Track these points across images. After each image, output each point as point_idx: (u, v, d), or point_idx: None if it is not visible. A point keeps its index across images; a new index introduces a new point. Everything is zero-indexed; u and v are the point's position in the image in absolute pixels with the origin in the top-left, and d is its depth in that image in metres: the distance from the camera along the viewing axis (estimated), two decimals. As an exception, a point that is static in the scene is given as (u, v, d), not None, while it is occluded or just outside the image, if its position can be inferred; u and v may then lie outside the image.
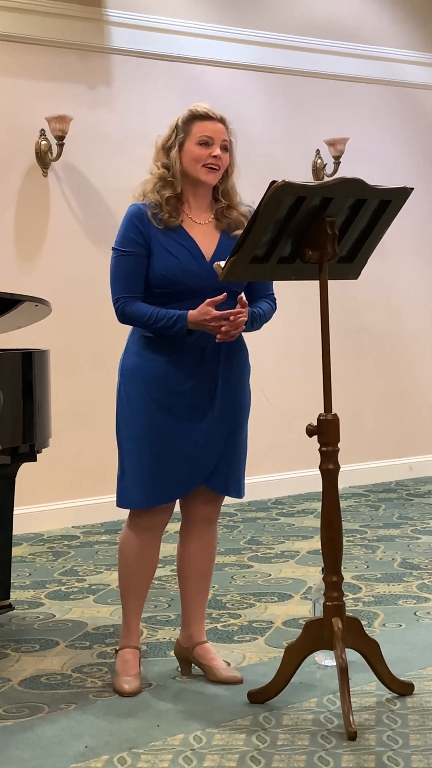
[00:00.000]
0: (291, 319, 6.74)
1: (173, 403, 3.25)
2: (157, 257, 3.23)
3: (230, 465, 3.36)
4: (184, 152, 3.27)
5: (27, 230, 5.87)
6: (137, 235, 3.24)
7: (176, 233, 3.25)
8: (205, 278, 3.23)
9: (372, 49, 7.11)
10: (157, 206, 3.26)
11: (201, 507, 3.40)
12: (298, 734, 2.95)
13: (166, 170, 3.28)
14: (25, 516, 5.53)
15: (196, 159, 3.26)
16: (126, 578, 3.38)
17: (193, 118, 3.30)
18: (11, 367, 3.76)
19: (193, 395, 3.27)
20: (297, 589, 4.47)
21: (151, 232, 3.24)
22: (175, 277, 3.22)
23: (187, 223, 3.29)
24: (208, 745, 2.90)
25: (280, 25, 6.74)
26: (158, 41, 6.27)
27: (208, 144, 3.27)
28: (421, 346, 7.42)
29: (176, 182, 3.27)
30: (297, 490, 6.68)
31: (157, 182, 3.29)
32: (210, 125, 3.30)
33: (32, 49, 5.88)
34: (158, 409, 3.25)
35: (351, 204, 3.12)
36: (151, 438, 3.26)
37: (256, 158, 6.62)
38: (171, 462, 3.27)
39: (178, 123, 3.32)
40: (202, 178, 3.27)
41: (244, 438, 3.41)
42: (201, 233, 3.29)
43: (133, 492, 3.29)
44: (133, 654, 3.37)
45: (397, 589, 4.42)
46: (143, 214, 3.25)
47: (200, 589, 3.45)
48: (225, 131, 3.33)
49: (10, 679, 3.48)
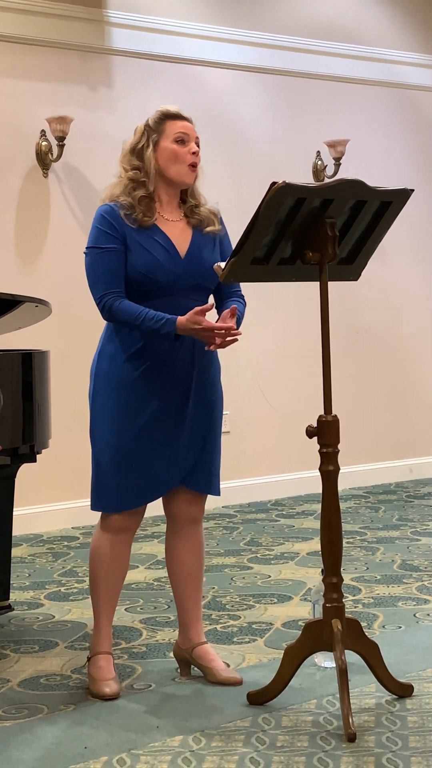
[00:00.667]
0: (291, 321, 6.76)
1: (147, 407, 3.25)
2: (133, 254, 3.22)
3: (209, 463, 3.36)
4: (161, 151, 3.27)
5: (27, 231, 5.87)
6: (113, 231, 3.23)
7: (150, 231, 3.25)
8: (180, 275, 3.24)
9: (372, 50, 7.12)
10: (129, 207, 3.25)
11: (185, 507, 3.40)
12: (298, 736, 2.95)
13: (137, 171, 3.28)
14: (25, 517, 5.53)
15: (176, 156, 3.27)
16: (97, 582, 3.37)
17: (165, 118, 3.31)
18: (11, 368, 3.76)
19: (167, 398, 3.26)
20: (297, 591, 4.47)
21: (125, 230, 3.23)
22: (153, 275, 3.21)
23: (160, 221, 3.29)
24: (207, 747, 2.90)
25: (281, 27, 6.74)
26: (159, 42, 6.28)
27: (184, 141, 3.29)
28: (421, 348, 7.42)
29: (149, 182, 3.27)
30: (297, 491, 6.68)
31: (127, 184, 3.28)
32: (183, 123, 3.32)
33: (33, 50, 5.89)
34: (132, 413, 3.25)
35: (351, 205, 3.12)
36: (125, 442, 3.26)
37: (257, 159, 6.63)
38: (146, 465, 3.27)
39: (149, 124, 3.32)
40: (185, 179, 3.29)
41: (220, 436, 3.41)
42: (174, 230, 3.30)
43: (107, 495, 3.29)
44: (106, 660, 3.35)
45: (397, 591, 4.41)
46: (116, 213, 3.25)
47: (193, 590, 3.44)
48: (194, 130, 3.35)
49: (10, 680, 3.48)
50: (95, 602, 3.38)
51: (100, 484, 3.32)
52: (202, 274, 3.29)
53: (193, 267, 3.27)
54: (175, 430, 3.28)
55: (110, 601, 3.37)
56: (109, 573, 3.35)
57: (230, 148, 6.59)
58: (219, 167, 6.54)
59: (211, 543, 5.44)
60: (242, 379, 6.63)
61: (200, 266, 3.28)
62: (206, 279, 3.30)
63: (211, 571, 4.83)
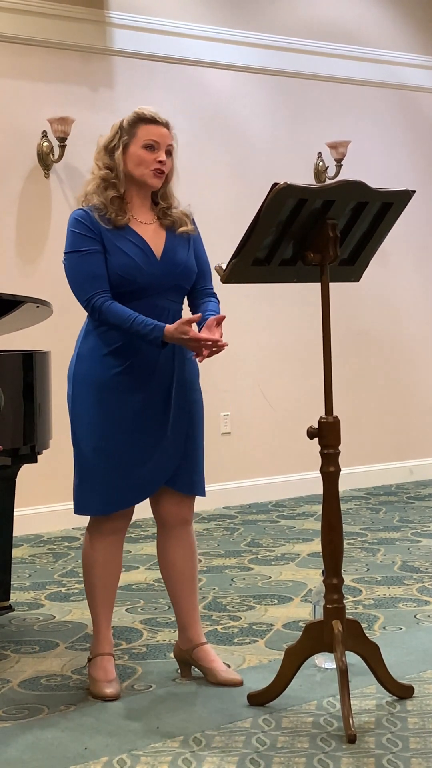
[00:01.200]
0: (292, 322, 6.75)
1: (129, 409, 3.24)
2: (111, 256, 3.22)
3: (192, 465, 3.36)
4: (129, 155, 3.26)
5: (29, 232, 5.87)
6: (90, 233, 3.22)
7: (125, 232, 3.25)
8: (158, 276, 3.24)
9: (374, 52, 7.12)
10: (102, 208, 3.25)
11: (175, 509, 3.39)
12: (298, 737, 2.95)
13: (109, 171, 3.28)
14: (26, 517, 5.53)
15: (142, 163, 3.25)
16: (93, 586, 3.37)
17: (138, 121, 3.28)
18: (12, 369, 3.76)
19: (148, 399, 3.26)
20: (297, 592, 4.47)
21: (102, 232, 3.23)
22: (131, 276, 3.21)
23: (133, 223, 3.29)
24: (207, 747, 2.90)
25: (283, 28, 6.74)
26: (160, 43, 6.28)
27: (153, 148, 3.26)
28: (421, 349, 7.42)
29: (119, 183, 3.27)
30: (297, 492, 6.68)
31: (100, 183, 3.28)
32: (156, 129, 3.28)
33: (34, 50, 5.89)
34: (114, 416, 3.24)
35: (353, 207, 3.12)
36: (108, 444, 3.25)
37: (258, 160, 6.64)
38: (129, 465, 3.26)
39: (123, 124, 3.30)
40: (149, 182, 3.28)
41: (202, 436, 3.40)
42: (148, 232, 3.30)
43: (92, 498, 3.29)
44: (108, 661, 3.36)
45: (398, 592, 4.41)
46: (90, 216, 3.24)
47: (189, 591, 3.44)
48: (170, 136, 3.30)
49: (10, 681, 3.48)
50: (92, 606, 3.39)
51: (83, 487, 3.31)
52: (179, 275, 3.29)
53: (170, 268, 3.27)
54: (159, 429, 3.28)
55: (107, 603, 3.37)
56: (103, 576, 3.35)
57: (231, 149, 6.59)
58: (220, 168, 6.55)
59: (212, 544, 5.44)
60: (243, 381, 6.63)
61: (176, 267, 3.28)
62: (183, 279, 3.31)
63: (212, 572, 4.83)
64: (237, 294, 6.31)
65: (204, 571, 4.86)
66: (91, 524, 3.37)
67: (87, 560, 3.37)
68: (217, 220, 6.41)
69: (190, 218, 3.39)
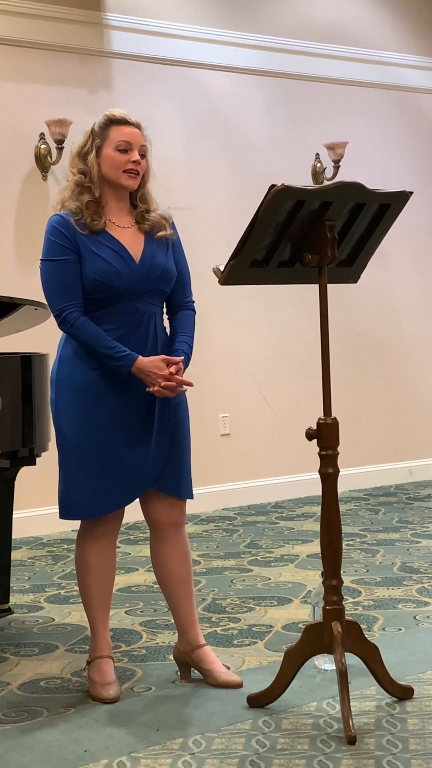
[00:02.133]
0: (291, 323, 6.76)
1: (112, 411, 3.24)
2: (87, 262, 3.21)
3: (179, 466, 3.35)
4: (103, 158, 3.26)
5: (26, 234, 5.87)
6: (66, 242, 3.22)
7: (102, 237, 3.24)
8: (137, 281, 3.24)
9: (372, 53, 7.12)
10: (77, 212, 3.25)
11: (167, 512, 3.38)
12: (298, 738, 2.95)
13: (82, 176, 3.27)
14: (25, 520, 5.53)
15: (116, 164, 3.25)
16: (88, 591, 3.36)
17: (110, 123, 3.28)
18: (11, 371, 3.76)
19: (132, 401, 3.26)
20: (296, 593, 4.47)
21: (78, 239, 3.22)
22: (108, 281, 3.21)
23: (110, 227, 3.28)
24: (207, 750, 2.90)
25: (281, 29, 6.74)
26: (158, 45, 6.28)
27: (126, 149, 3.26)
28: (420, 350, 7.42)
29: (94, 187, 3.26)
30: (296, 493, 6.68)
31: (74, 188, 3.28)
32: (127, 130, 3.27)
33: (32, 52, 5.89)
34: (97, 418, 3.24)
35: (350, 208, 3.12)
36: (92, 447, 3.25)
37: (256, 162, 6.64)
38: (115, 469, 3.26)
39: (95, 128, 3.30)
40: (124, 183, 3.27)
41: (188, 437, 3.40)
42: (126, 236, 3.29)
43: (79, 503, 3.29)
44: (107, 663, 3.36)
45: (397, 593, 4.41)
46: (67, 222, 3.24)
47: (185, 594, 3.43)
48: (142, 137, 3.30)
49: (10, 683, 3.48)
50: (89, 610, 3.38)
51: (69, 491, 3.31)
52: (158, 278, 3.29)
53: (149, 271, 3.27)
54: (143, 430, 3.27)
55: (103, 606, 3.37)
56: (97, 580, 3.35)
57: (229, 150, 6.59)
58: (218, 169, 6.55)
59: (211, 545, 5.44)
60: (242, 382, 6.63)
61: (155, 270, 3.28)
62: (162, 283, 3.31)
63: (211, 574, 4.83)
64: (236, 295, 6.31)
65: (203, 572, 4.86)
66: (82, 529, 3.37)
67: (80, 565, 3.37)
68: (215, 221, 6.42)
69: (169, 222, 3.37)
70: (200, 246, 6.31)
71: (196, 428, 6.50)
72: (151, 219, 3.34)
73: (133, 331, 3.25)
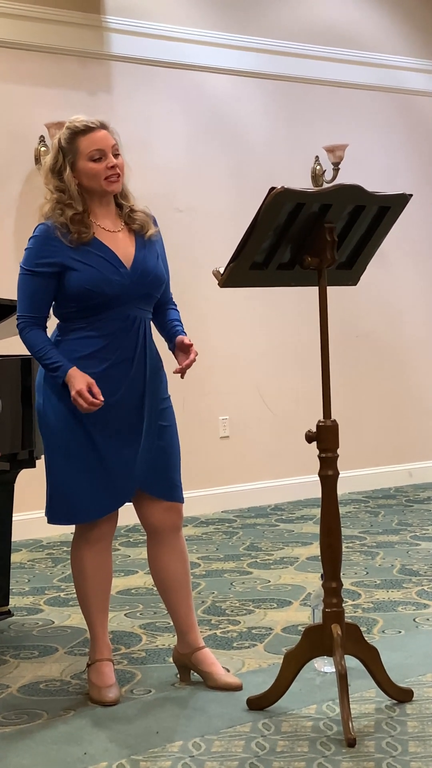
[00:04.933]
0: (290, 326, 6.76)
1: (99, 415, 3.22)
2: (75, 273, 3.19)
3: (168, 469, 3.35)
4: (79, 171, 3.23)
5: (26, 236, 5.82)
6: (45, 256, 3.21)
7: (90, 246, 3.22)
8: (128, 286, 3.23)
9: (371, 55, 7.13)
10: (63, 226, 3.21)
11: (164, 516, 3.37)
12: (298, 741, 2.95)
13: (61, 193, 3.24)
14: (24, 522, 5.52)
15: (95, 175, 3.22)
16: (85, 595, 3.36)
17: (74, 135, 3.23)
18: (10, 374, 3.77)
19: (123, 406, 3.25)
20: (296, 596, 4.47)
21: (63, 252, 3.20)
22: (98, 288, 3.19)
23: (99, 232, 3.25)
24: (207, 752, 2.90)
25: (280, 32, 6.75)
26: (158, 48, 6.28)
27: (101, 158, 3.22)
28: (420, 352, 7.42)
29: (75, 203, 3.22)
30: (296, 496, 6.68)
31: (55, 206, 3.24)
32: (94, 136, 3.23)
33: (32, 55, 5.89)
34: (85, 423, 3.23)
35: (350, 210, 3.13)
36: (79, 452, 3.24)
37: (256, 164, 6.64)
38: (103, 473, 3.25)
39: (62, 144, 3.25)
40: (108, 189, 3.25)
41: (177, 442, 3.39)
42: (115, 241, 3.27)
43: (66, 507, 3.28)
44: (106, 666, 3.35)
45: (397, 596, 4.41)
46: (51, 234, 3.21)
47: (184, 596, 3.43)
48: (110, 136, 3.26)
49: (9, 686, 3.47)
50: (87, 614, 3.38)
51: (57, 496, 3.30)
52: (149, 284, 3.28)
53: (140, 278, 3.26)
54: (131, 433, 3.27)
55: (101, 609, 3.37)
56: (94, 584, 3.35)
57: (229, 152, 6.60)
58: (218, 172, 6.56)
59: (211, 548, 5.44)
60: (242, 384, 6.63)
61: (146, 276, 3.27)
62: (153, 288, 3.30)
63: (211, 576, 4.83)
64: (236, 297, 6.32)
65: (203, 575, 4.86)
66: (77, 534, 3.37)
67: (76, 570, 3.36)
68: (215, 223, 6.42)
69: (152, 219, 3.36)
70: (200, 248, 6.32)
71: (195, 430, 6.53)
72: (138, 219, 3.32)
73: (122, 337, 3.25)
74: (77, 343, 3.24)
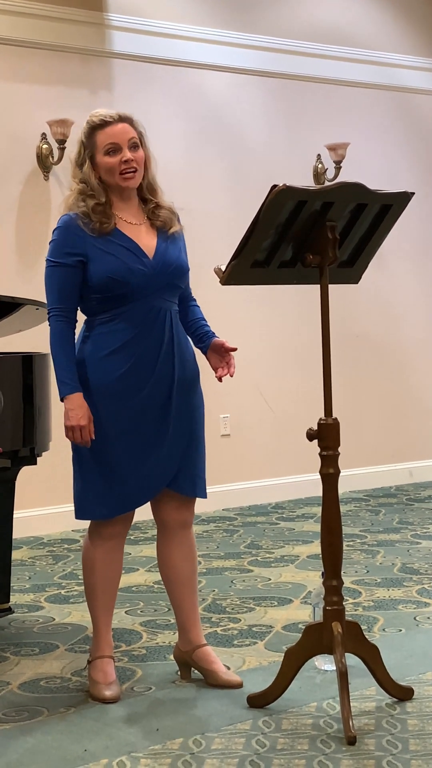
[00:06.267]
0: (291, 324, 6.76)
1: (130, 412, 3.23)
2: (97, 263, 3.20)
3: (194, 466, 3.35)
4: (97, 165, 3.25)
5: (28, 234, 5.87)
6: (70, 246, 3.22)
7: (113, 236, 3.23)
8: (151, 276, 3.23)
9: (372, 54, 7.13)
10: (85, 216, 3.23)
11: (175, 512, 3.38)
12: (298, 739, 2.95)
13: (84, 185, 3.26)
14: (25, 519, 5.53)
15: (110, 169, 3.24)
16: (93, 590, 3.36)
17: (92, 130, 3.26)
18: (12, 371, 3.76)
19: (149, 401, 3.25)
20: (297, 594, 4.47)
21: (86, 241, 3.21)
22: (122, 278, 3.20)
23: (121, 224, 3.27)
24: (207, 750, 2.90)
25: (282, 30, 6.75)
26: (159, 46, 6.28)
27: (115, 151, 3.24)
28: (420, 351, 7.42)
29: (97, 194, 3.24)
30: (297, 494, 6.68)
31: (78, 196, 3.26)
32: (111, 130, 3.24)
33: (33, 53, 5.89)
34: (115, 420, 3.24)
35: (352, 208, 3.12)
36: (107, 449, 3.25)
37: (257, 162, 6.64)
38: (130, 469, 3.26)
39: (83, 138, 3.28)
40: (123, 185, 3.26)
41: (203, 437, 3.40)
42: (138, 233, 3.28)
43: (94, 503, 3.28)
44: (108, 663, 3.35)
45: (397, 594, 4.41)
46: (74, 224, 3.23)
47: (189, 593, 3.44)
48: (129, 128, 3.26)
49: (10, 683, 3.48)
50: (92, 609, 3.38)
51: (85, 492, 3.30)
52: (172, 273, 3.28)
53: (163, 267, 3.26)
54: (159, 432, 3.27)
55: (107, 606, 3.37)
56: (103, 580, 3.35)
57: (230, 151, 6.60)
58: (219, 171, 6.56)
59: (212, 546, 5.44)
60: (243, 383, 6.63)
61: (169, 265, 3.27)
62: (177, 277, 3.30)
63: (211, 574, 4.83)
64: (236, 295, 6.31)
65: (203, 573, 4.86)
66: (92, 528, 3.37)
67: (87, 563, 3.37)
68: (215, 222, 6.42)
69: (176, 215, 3.38)
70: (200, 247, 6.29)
71: (196, 428, 6.47)
72: (162, 216, 3.33)
73: (148, 329, 3.24)
74: (103, 338, 3.25)
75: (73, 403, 3.20)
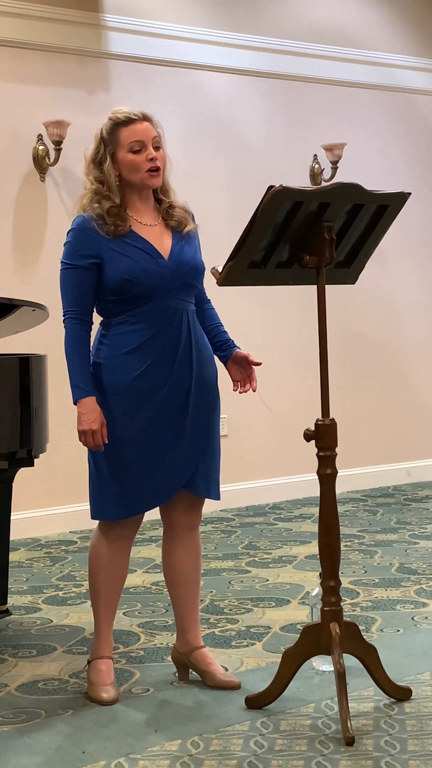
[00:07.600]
0: (289, 324, 6.76)
1: (147, 413, 3.23)
2: (113, 264, 3.19)
3: (209, 468, 3.35)
4: (119, 163, 3.24)
5: (25, 235, 5.87)
6: (84, 248, 3.21)
7: (128, 237, 3.22)
8: (166, 277, 3.22)
9: (370, 54, 7.12)
10: (100, 218, 3.22)
11: (183, 514, 3.38)
12: (296, 739, 2.95)
13: (100, 184, 3.24)
14: (23, 521, 5.53)
15: (135, 167, 3.22)
16: (97, 588, 3.36)
17: (116, 126, 3.25)
18: (9, 372, 3.76)
19: (167, 402, 3.24)
20: (295, 594, 4.47)
21: (100, 243, 3.20)
22: (137, 279, 3.19)
23: (136, 226, 3.26)
24: (205, 751, 2.90)
25: (279, 31, 6.74)
26: (156, 46, 6.28)
27: (141, 149, 3.23)
28: (419, 351, 7.42)
29: (113, 194, 3.23)
30: (294, 495, 6.68)
31: (93, 197, 3.24)
32: (136, 128, 3.24)
33: (30, 54, 5.89)
34: (132, 420, 3.23)
35: (348, 209, 3.12)
36: (126, 450, 3.24)
37: (254, 163, 6.64)
38: (147, 471, 3.25)
39: (103, 134, 3.26)
40: (149, 184, 3.25)
41: (219, 439, 3.40)
42: (152, 234, 3.27)
43: (110, 503, 3.27)
44: (106, 664, 3.35)
45: (395, 594, 4.41)
46: (89, 225, 3.21)
47: (191, 594, 3.43)
48: (151, 128, 3.27)
49: (8, 685, 3.47)
50: (95, 608, 3.38)
51: (102, 493, 3.29)
52: (187, 273, 3.27)
53: (178, 267, 3.25)
54: (176, 434, 3.26)
55: (110, 606, 3.37)
56: (108, 579, 3.35)
57: (228, 151, 6.59)
58: (216, 171, 6.55)
59: (209, 546, 5.44)
60: (240, 383, 6.62)
61: (184, 265, 3.26)
62: (192, 277, 3.29)
63: (209, 575, 4.83)
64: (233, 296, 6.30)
65: (201, 573, 4.84)
66: (102, 528, 3.36)
67: (93, 562, 3.36)
68: (213, 222, 6.40)
69: (190, 215, 3.38)
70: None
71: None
72: (176, 215, 3.32)
73: (165, 329, 3.23)
74: (121, 338, 3.24)
75: (85, 407, 3.19)
